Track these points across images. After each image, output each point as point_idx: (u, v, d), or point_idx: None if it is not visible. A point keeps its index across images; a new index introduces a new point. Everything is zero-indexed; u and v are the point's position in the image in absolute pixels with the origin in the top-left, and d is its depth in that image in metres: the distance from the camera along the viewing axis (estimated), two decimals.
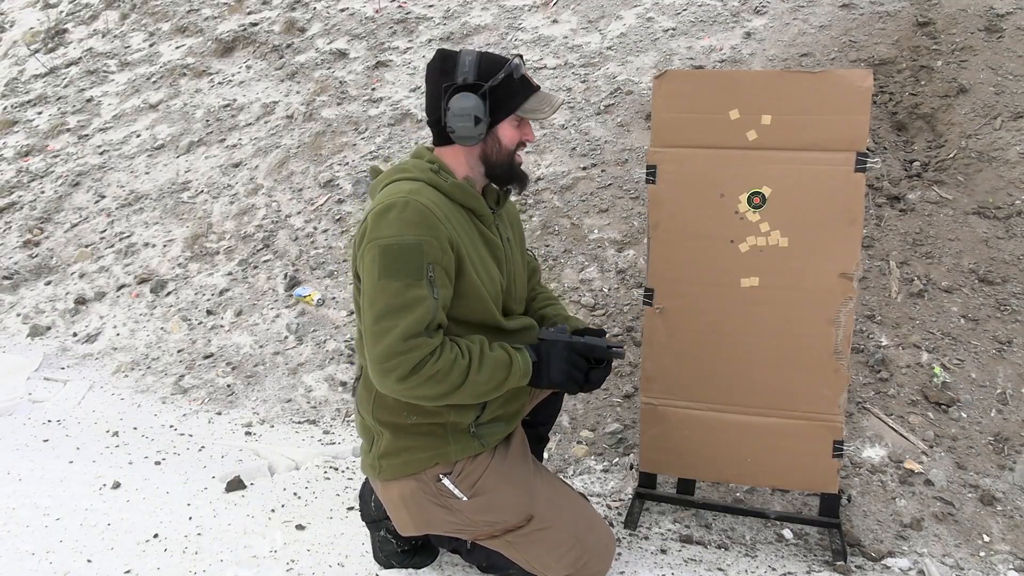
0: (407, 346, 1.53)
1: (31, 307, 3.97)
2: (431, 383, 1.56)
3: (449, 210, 1.66)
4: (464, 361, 1.60)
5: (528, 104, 1.71)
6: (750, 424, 2.12)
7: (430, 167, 1.70)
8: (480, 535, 1.82)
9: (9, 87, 5.94)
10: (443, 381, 1.57)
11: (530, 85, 1.72)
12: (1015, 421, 2.36)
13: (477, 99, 1.65)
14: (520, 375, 1.69)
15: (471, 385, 1.61)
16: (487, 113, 1.67)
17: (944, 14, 3.51)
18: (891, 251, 2.84)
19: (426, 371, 1.55)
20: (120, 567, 2.05)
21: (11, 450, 2.77)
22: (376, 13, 5.10)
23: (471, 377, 1.60)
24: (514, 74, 1.68)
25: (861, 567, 2.06)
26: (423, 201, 1.60)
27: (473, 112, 1.65)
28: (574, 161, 3.61)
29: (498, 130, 1.72)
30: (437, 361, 1.56)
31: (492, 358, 1.65)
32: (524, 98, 1.71)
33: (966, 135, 3.05)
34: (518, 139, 1.75)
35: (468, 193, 1.71)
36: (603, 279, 3.12)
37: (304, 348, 3.29)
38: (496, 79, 1.66)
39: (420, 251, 1.56)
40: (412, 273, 1.56)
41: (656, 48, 4.03)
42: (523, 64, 1.72)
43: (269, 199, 4.11)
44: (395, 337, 1.53)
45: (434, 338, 1.58)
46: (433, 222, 1.59)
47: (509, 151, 1.74)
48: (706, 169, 2.06)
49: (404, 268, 1.55)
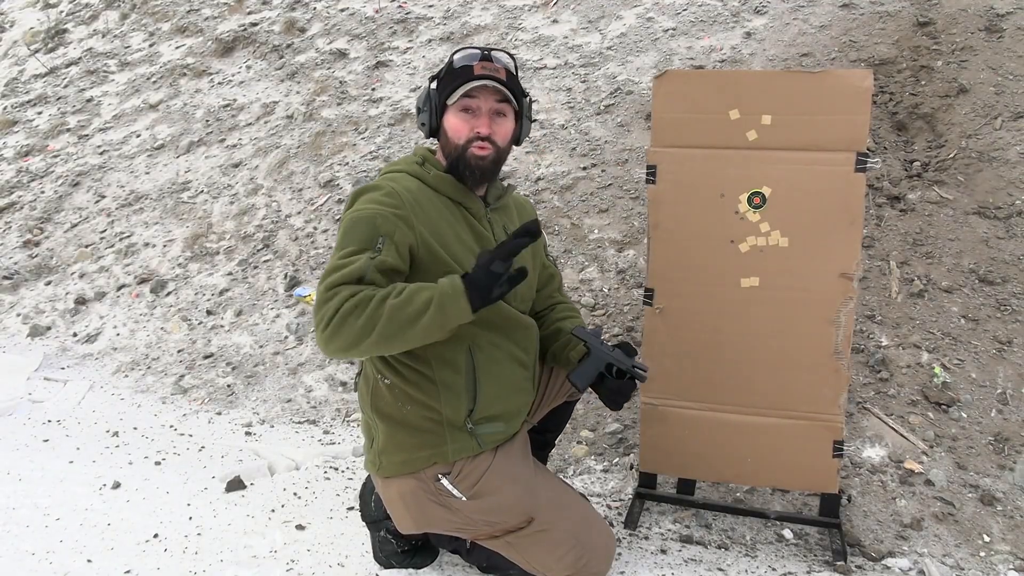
0: (328, 295, 1.52)
1: (31, 307, 3.97)
2: (352, 319, 1.48)
3: (428, 198, 1.69)
4: (382, 292, 1.52)
5: (458, 91, 1.68)
6: (750, 424, 2.12)
7: (415, 160, 1.76)
8: (480, 535, 1.82)
9: (9, 87, 5.94)
10: (362, 314, 1.48)
11: (467, 74, 1.67)
12: (1015, 421, 2.36)
13: (425, 90, 1.75)
14: (449, 295, 1.52)
15: (391, 310, 1.49)
16: (430, 104, 1.73)
17: (944, 14, 3.51)
18: (891, 251, 2.84)
19: (344, 309, 1.48)
20: (120, 567, 2.05)
21: (11, 450, 2.77)
22: (376, 13, 5.10)
23: (389, 302, 1.49)
24: (455, 63, 1.70)
25: (861, 567, 2.06)
26: (396, 187, 1.65)
27: (418, 103, 1.76)
28: (574, 161, 3.61)
29: (445, 121, 1.73)
30: (353, 298, 1.50)
31: (413, 285, 1.54)
32: (456, 87, 1.68)
33: (966, 135, 3.05)
34: (465, 131, 1.70)
35: (450, 184, 1.73)
36: (603, 279, 3.12)
37: (304, 348, 3.29)
38: (441, 72, 1.72)
39: (373, 224, 1.59)
40: (362, 242, 1.57)
41: (656, 48, 4.03)
42: (483, 56, 1.70)
43: (269, 199, 4.11)
44: (320, 290, 1.54)
45: (359, 286, 1.52)
46: (398, 203, 1.63)
47: (455, 144, 1.71)
48: (706, 169, 2.06)
49: (355, 237, 1.58)
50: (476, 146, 1.71)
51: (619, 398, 1.81)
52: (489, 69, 1.69)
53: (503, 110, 1.74)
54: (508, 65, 1.75)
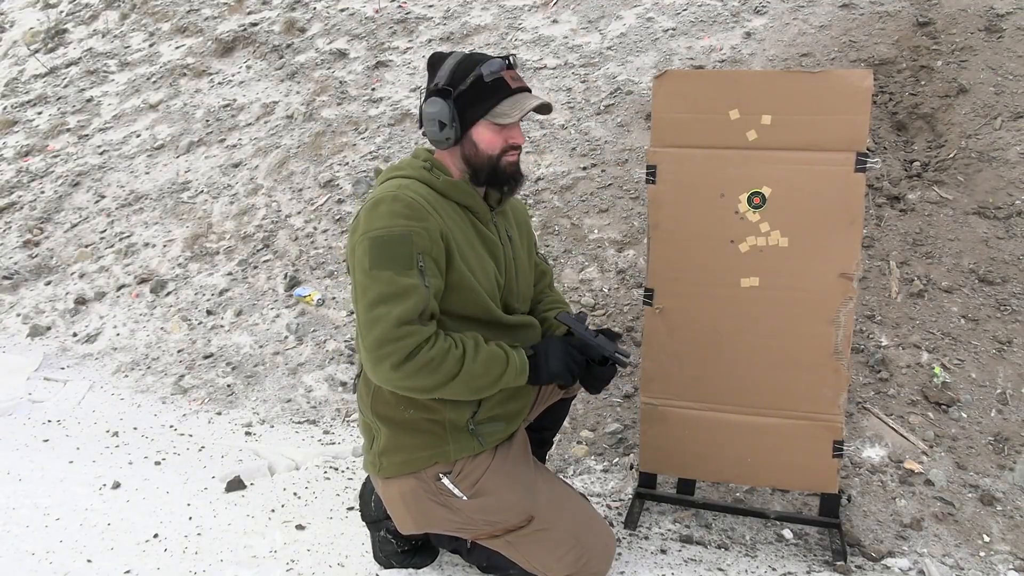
0: (401, 332, 1.52)
1: (31, 307, 3.97)
2: (425, 371, 1.54)
3: (440, 205, 1.67)
4: (458, 351, 1.59)
5: (499, 108, 1.66)
6: (750, 424, 2.12)
7: (423, 165, 1.71)
8: (480, 534, 1.82)
9: (9, 87, 5.94)
10: (437, 370, 1.55)
11: (504, 88, 1.66)
12: (1015, 421, 2.36)
13: (444, 104, 1.65)
14: (517, 371, 1.67)
15: (466, 376, 1.59)
16: (454, 118, 1.66)
17: (944, 14, 3.51)
18: (891, 251, 2.84)
19: (420, 358, 1.53)
20: (120, 567, 2.05)
21: (11, 450, 2.77)
22: (376, 13, 5.10)
23: (466, 367, 1.58)
24: (484, 77, 1.65)
25: (861, 567, 2.06)
26: (411, 195, 1.61)
27: (438, 118, 1.66)
28: (574, 161, 3.61)
29: (472, 134, 1.69)
30: (431, 349, 1.54)
31: (487, 351, 1.63)
32: (495, 102, 1.66)
33: (966, 135, 3.05)
34: (500, 142, 1.69)
35: (461, 190, 1.72)
36: (603, 279, 3.13)
37: (304, 348, 3.29)
38: (464, 84, 1.65)
39: (409, 241, 1.57)
40: (402, 262, 1.56)
41: (656, 48, 4.03)
42: (507, 64, 1.68)
43: (269, 199, 4.11)
44: (389, 324, 1.52)
45: (428, 326, 1.56)
46: (422, 213, 1.60)
47: (488, 155, 1.69)
48: (706, 169, 2.06)
49: (394, 257, 1.56)
50: (510, 155, 1.71)
51: (600, 384, 1.85)
52: (518, 80, 1.69)
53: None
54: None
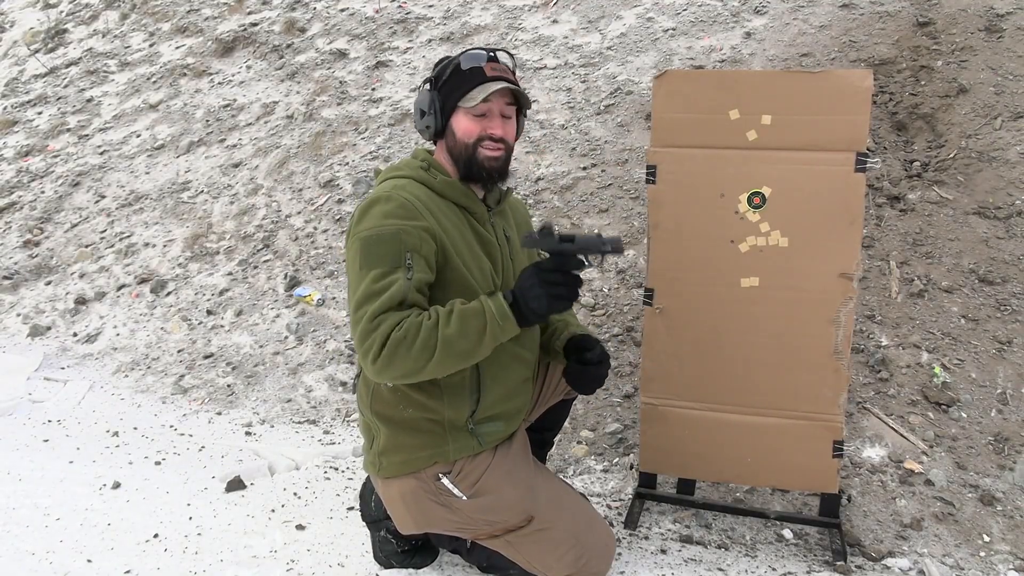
0: (375, 323, 1.52)
1: (31, 307, 3.97)
2: (402, 351, 1.51)
3: (436, 205, 1.67)
4: (430, 321, 1.54)
5: (469, 94, 1.67)
6: (750, 424, 2.12)
7: (420, 165, 1.72)
8: (480, 534, 1.82)
9: (9, 87, 5.94)
10: (413, 345, 1.51)
11: (479, 76, 1.66)
12: (1015, 421, 2.36)
13: (427, 93, 1.71)
14: (498, 317, 1.56)
15: (446, 342, 1.52)
16: (433, 106, 1.70)
17: (944, 14, 3.51)
18: (891, 251, 2.84)
19: (392, 340, 1.51)
20: (120, 567, 2.05)
21: (11, 450, 2.77)
22: (376, 13, 5.10)
23: (441, 333, 1.52)
24: (461, 65, 1.67)
25: (861, 567, 2.06)
26: (405, 195, 1.62)
27: (419, 106, 1.73)
28: (574, 161, 3.61)
29: (453, 123, 1.71)
30: (400, 328, 1.51)
31: (461, 310, 1.56)
32: (468, 89, 1.67)
33: (966, 135, 3.05)
34: (476, 130, 1.68)
35: (457, 190, 1.72)
36: (603, 279, 3.13)
37: (304, 348, 3.29)
38: (445, 74, 1.69)
39: (399, 239, 1.57)
40: (390, 260, 1.56)
41: (656, 48, 4.03)
42: (489, 57, 1.69)
43: (269, 199, 4.11)
44: (366, 319, 1.53)
45: (401, 312, 1.54)
46: (414, 213, 1.61)
47: (465, 144, 1.69)
48: (706, 169, 2.06)
49: (383, 256, 1.57)
50: (487, 147, 1.70)
51: (593, 384, 1.86)
52: (498, 70, 1.69)
53: (511, 112, 1.75)
54: (509, 65, 1.76)
